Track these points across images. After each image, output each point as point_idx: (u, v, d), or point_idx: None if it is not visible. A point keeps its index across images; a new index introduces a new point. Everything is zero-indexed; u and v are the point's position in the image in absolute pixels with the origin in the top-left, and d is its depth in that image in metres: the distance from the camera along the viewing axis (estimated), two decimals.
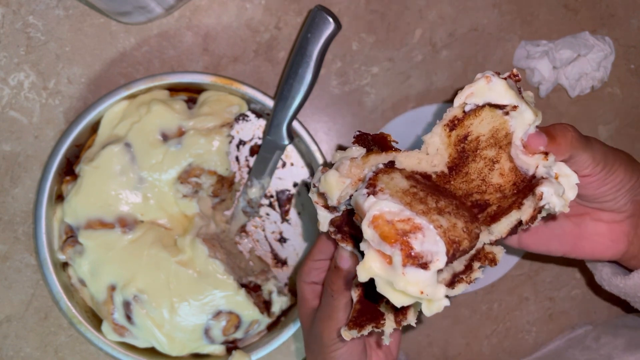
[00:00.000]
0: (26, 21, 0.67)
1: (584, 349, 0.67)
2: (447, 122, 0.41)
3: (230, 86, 0.62)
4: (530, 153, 0.40)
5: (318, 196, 0.42)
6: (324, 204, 0.42)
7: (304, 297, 0.48)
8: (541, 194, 0.39)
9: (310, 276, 0.48)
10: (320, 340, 0.46)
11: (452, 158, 0.41)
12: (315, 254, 0.48)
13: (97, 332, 0.62)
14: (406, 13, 0.69)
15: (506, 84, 0.39)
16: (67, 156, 0.62)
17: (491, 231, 0.41)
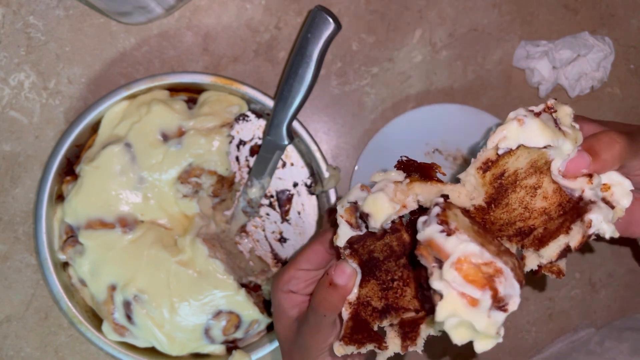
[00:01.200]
0: (26, 21, 0.67)
1: (588, 353, 0.67)
2: (480, 164, 0.39)
3: (231, 86, 0.62)
4: (572, 178, 0.38)
5: (347, 212, 0.41)
6: (351, 221, 0.41)
7: (282, 307, 0.46)
8: (590, 221, 0.37)
9: (289, 285, 0.45)
10: (308, 352, 0.45)
11: (489, 194, 0.40)
12: (302, 263, 0.45)
13: (98, 332, 0.62)
14: (406, 13, 0.69)
15: (540, 123, 0.37)
16: (68, 156, 0.62)
17: (541, 255, 0.40)
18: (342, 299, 0.43)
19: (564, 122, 0.38)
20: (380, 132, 0.67)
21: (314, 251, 0.45)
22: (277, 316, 0.47)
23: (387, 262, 0.43)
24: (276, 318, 0.48)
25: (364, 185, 0.41)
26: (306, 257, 0.45)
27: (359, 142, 0.70)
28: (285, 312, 0.46)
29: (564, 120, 0.39)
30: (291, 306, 0.46)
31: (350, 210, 0.40)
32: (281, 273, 0.46)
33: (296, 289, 0.46)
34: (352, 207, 0.40)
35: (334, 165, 0.64)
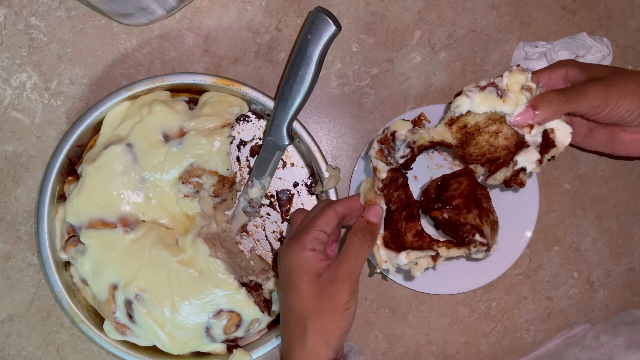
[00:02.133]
0: (28, 22, 0.67)
1: (584, 347, 0.67)
2: (446, 121, 0.55)
3: (231, 87, 0.62)
4: (522, 127, 0.53)
5: (377, 153, 0.54)
6: (382, 159, 0.54)
7: (309, 263, 0.50)
8: (516, 161, 0.53)
9: (314, 244, 0.50)
10: (336, 300, 0.48)
11: (458, 139, 0.56)
12: (322, 225, 0.51)
13: (99, 331, 0.62)
14: (405, 15, 0.69)
15: (481, 96, 0.53)
16: (69, 156, 0.63)
17: (495, 178, 0.56)
18: (373, 240, 0.52)
19: (513, 89, 0.52)
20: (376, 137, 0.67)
21: (330, 215, 0.52)
22: (301, 274, 0.50)
23: (395, 214, 0.54)
24: (299, 277, 0.50)
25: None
26: (324, 219, 0.51)
27: (359, 143, 0.70)
28: (312, 267, 0.50)
29: (512, 88, 0.52)
30: (317, 261, 0.50)
31: (380, 152, 0.54)
32: (302, 235, 0.51)
33: (318, 248, 0.50)
34: (380, 150, 0.54)
35: (334, 165, 0.65)
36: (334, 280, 0.49)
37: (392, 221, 0.54)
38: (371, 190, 0.54)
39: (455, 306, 0.72)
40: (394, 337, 0.72)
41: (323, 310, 0.49)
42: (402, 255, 0.52)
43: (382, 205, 0.54)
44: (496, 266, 0.68)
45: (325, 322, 0.49)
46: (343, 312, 0.49)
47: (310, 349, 0.49)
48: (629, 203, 0.73)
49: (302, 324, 0.50)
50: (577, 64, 0.56)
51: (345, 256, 0.50)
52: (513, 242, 0.68)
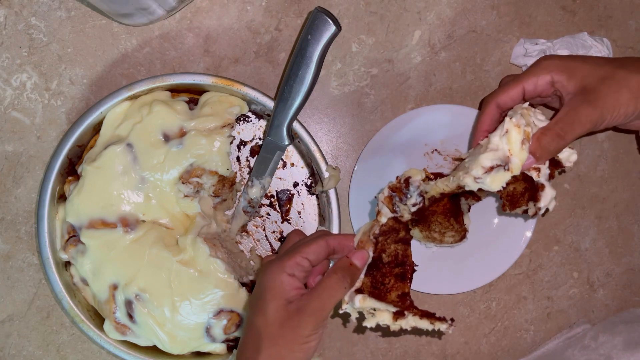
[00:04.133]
0: (28, 22, 0.68)
1: (582, 348, 0.67)
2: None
3: (231, 87, 0.63)
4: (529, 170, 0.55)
5: (386, 199, 0.54)
6: (389, 206, 0.54)
7: (283, 287, 0.48)
8: (538, 207, 0.55)
9: (294, 270, 0.49)
10: (298, 332, 0.47)
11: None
12: (309, 252, 0.50)
13: (99, 331, 0.62)
14: (405, 15, 0.69)
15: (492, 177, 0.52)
16: (70, 156, 0.63)
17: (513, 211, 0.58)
18: (351, 283, 0.51)
19: (514, 152, 0.52)
20: (380, 132, 0.67)
21: (320, 245, 0.51)
22: (272, 297, 0.48)
23: (385, 267, 0.53)
24: (269, 299, 0.48)
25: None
26: (314, 249, 0.50)
27: (359, 143, 0.70)
28: (285, 292, 0.48)
29: (514, 150, 0.52)
30: (291, 288, 0.48)
31: (388, 199, 0.54)
32: (284, 258, 0.50)
33: (298, 275, 0.49)
34: (389, 196, 0.54)
35: (334, 166, 0.65)
36: (301, 311, 0.47)
37: (380, 272, 0.53)
38: (366, 233, 0.54)
39: (455, 306, 0.72)
40: (394, 337, 0.72)
41: (282, 339, 0.47)
42: (357, 298, 0.51)
43: (370, 252, 0.53)
44: (496, 266, 0.68)
45: (281, 351, 0.47)
46: (302, 345, 0.47)
47: None
48: (629, 203, 0.73)
49: (258, 345, 0.48)
50: (562, 66, 0.55)
51: (319, 290, 0.49)
52: (513, 242, 0.68)
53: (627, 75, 0.53)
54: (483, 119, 0.58)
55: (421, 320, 0.52)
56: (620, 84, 0.53)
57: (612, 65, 0.54)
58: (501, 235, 0.69)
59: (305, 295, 0.48)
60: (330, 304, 0.49)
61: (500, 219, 0.69)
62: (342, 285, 0.50)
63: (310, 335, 0.47)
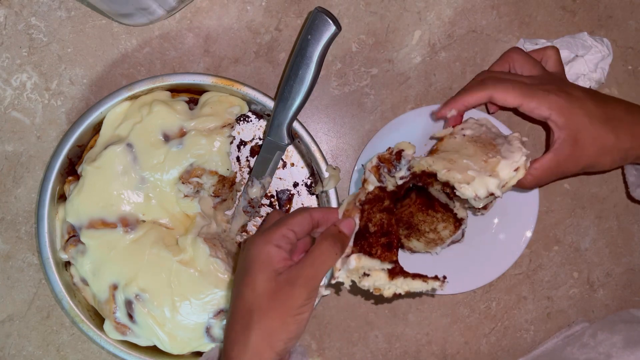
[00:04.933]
0: (28, 22, 0.68)
1: (582, 346, 0.67)
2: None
3: (231, 87, 0.63)
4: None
5: (373, 169, 0.54)
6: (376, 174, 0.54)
7: (271, 259, 0.47)
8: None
9: (281, 241, 0.48)
10: (290, 303, 0.46)
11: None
12: (294, 224, 0.49)
13: (99, 331, 0.62)
14: (405, 15, 0.69)
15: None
16: (69, 156, 0.63)
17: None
18: (341, 250, 0.50)
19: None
20: (380, 132, 0.67)
21: (304, 217, 0.50)
22: (260, 269, 0.47)
23: (372, 237, 0.52)
24: (257, 271, 0.47)
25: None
26: (298, 221, 0.50)
27: (359, 143, 0.70)
28: (273, 264, 0.47)
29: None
30: (280, 259, 0.47)
31: (375, 168, 0.54)
32: (269, 231, 0.49)
33: (284, 246, 0.48)
34: (377, 166, 0.54)
35: (334, 166, 0.65)
36: (293, 282, 0.47)
37: (367, 242, 0.53)
38: (352, 202, 0.54)
39: (455, 306, 0.72)
40: (394, 337, 0.72)
41: (273, 311, 0.46)
42: (353, 257, 0.51)
43: (356, 220, 0.53)
44: (496, 266, 0.68)
45: (273, 323, 0.46)
46: (294, 316, 0.46)
47: (252, 350, 0.46)
48: (628, 203, 0.73)
49: (248, 321, 0.46)
50: (565, 110, 0.56)
51: (310, 259, 0.48)
52: (513, 242, 0.68)
53: (618, 142, 0.56)
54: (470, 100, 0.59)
55: (414, 281, 0.52)
56: (612, 150, 0.57)
57: (607, 126, 0.56)
58: (501, 235, 0.69)
59: (295, 265, 0.48)
60: (322, 271, 0.48)
61: (500, 219, 0.69)
62: (333, 252, 0.49)
63: (303, 306, 0.47)
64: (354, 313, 0.71)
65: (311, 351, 0.71)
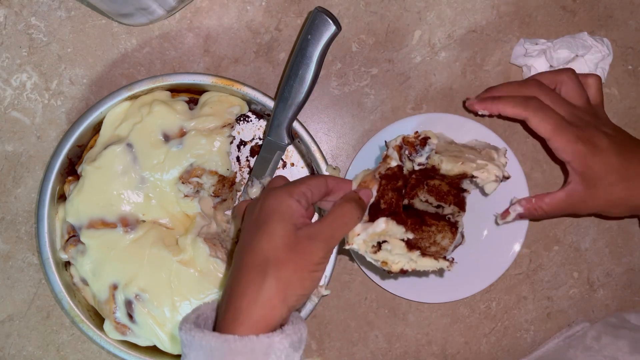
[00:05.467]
0: (28, 22, 0.68)
1: (585, 349, 0.67)
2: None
3: (231, 87, 0.63)
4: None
5: (395, 148, 0.55)
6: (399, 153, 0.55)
7: (292, 212, 0.47)
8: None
9: (301, 198, 0.48)
10: (308, 258, 0.46)
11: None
12: (312, 185, 0.50)
13: (99, 331, 0.62)
14: (405, 15, 0.69)
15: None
16: (69, 156, 0.63)
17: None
18: (362, 214, 0.51)
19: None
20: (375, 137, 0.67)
21: (321, 182, 0.51)
22: (280, 220, 0.47)
23: (381, 214, 0.52)
24: (277, 222, 0.46)
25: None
26: (316, 183, 0.50)
27: (359, 143, 0.70)
28: (294, 217, 0.47)
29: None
30: (300, 215, 0.47)
31: (398, 147, 0.54)
32: (292, 186, 0.49)
33: (303, 203, 0.48)
34: (400, 146, 0.54)
35: (334, 166, 0.65)
36: (312, 238, 0.46)
37: (377, 217, 0.53)
38: (371, 174, 0.54)
39: (455, 306, 0.72)
40: (394, 337, 0.72)
41: (291, 262, 0.45)
42: (381, 220, 0.51)
43: (374, 192, 0.53)
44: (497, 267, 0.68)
45: (290, 276, 0.45)
46: (311, 272, 0.46)
47: (264, 299, 0.44)
48: None
49: (263, 270, 0.45)
50: (584, 158, 0.59)
51: (331, 218, 0.48)
52: (501, 254, 0.68)
53: (631, 199, 0.59)
54: (507, 111, 0.62)
55: (424, 258, 0.53)
56: (623, 205, 0.60)
57: (624, 183, 0.59)
58: (490, 246, 0.69)
59: (316, 223, 0.47)
60: (342, 232, 0.49)
61: (489, 231, 0.69)
62: (355, 214, 0.50)
63: (320, 264, 0.46)
64: (354, 313, 0.71)
65: (311, 351, 0.71)
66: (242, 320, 0.44)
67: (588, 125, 0.60)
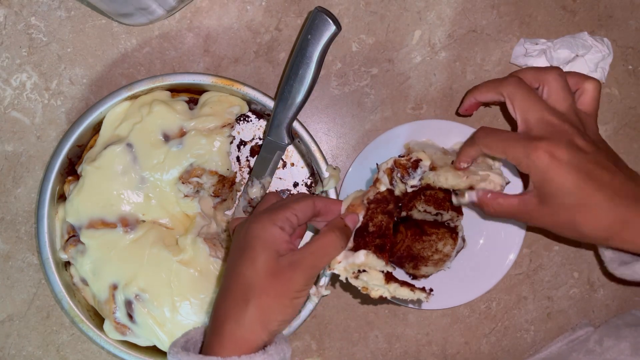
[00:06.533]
0: (28, 22, 0.68)
1: (587, 352, 0.67)
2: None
3: (231, 87, 0.63)
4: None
5: (386, 171, 0.55)
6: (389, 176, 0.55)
7: (275, 239, 0.48)
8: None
9: (284, 224, 0.48)
10: (290, 286, 0.46)
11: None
12: (298, 209, 0.50)
13: (99, 331, 0.62)
14: (405, 14, 0.69)
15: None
16: (69, 156, 0.63)
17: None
18: (345, 243, 0.51)
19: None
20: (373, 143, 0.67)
21: (308, 205, 0.51)
22: (263, 248, 0.47)
23: (369, 237, 0.53)
24: (260, 249, 0.47)
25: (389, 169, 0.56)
26: (302, 207, 0.50)
27: (359, 143, 0.70)
28: (276, 244, 0.48)
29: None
30: (282, 241, 0.48)
31: (389, 170, 0.54)
32: (274, 211, 0.49)
33: (287, 229, 0.48)
34: (391, 169, 0.55)
35: (334, 165, 0.65)
36: (295, 266, 0.47)
37: (363, 241, 0.53)
38: (359, 198, 0.54)
39: (455, 306, 0.72)
40: (394, 337, 0.72)
41: (272, 290, 0.46)
42: (361, 253, 0.51)
43: (360, 217, 0.54)
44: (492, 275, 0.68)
45: (271, 303, 0.46)
46: (292, 300, 0.47)
47: (246, 325, 0.46)
48: None
49: (246, 296, 0.46)
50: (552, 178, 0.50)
51: (314, 247, 0.48)
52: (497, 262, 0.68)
53: (580, 230, 0.51)
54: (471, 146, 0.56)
55: (402, 289, 0.53)
56: (568, 226, 0.52)
57: (574, 210, 0.50)
58: (485, 255, 0.69)
59: (299, 250, 0.48)
60: (324, 261, 0.49)
61: (485, 239, 0.69)
62: (338, 244, 0.50)
63: (301, 291, 0.47)
64: (354, 313, 0.71)
65: (311, 351, 0.71)
66: (224, 343, 0.46)
67: (559, 134, 0.51)
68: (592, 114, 0.56)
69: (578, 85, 0.57)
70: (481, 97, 0.59)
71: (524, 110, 0.53)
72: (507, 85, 0.55)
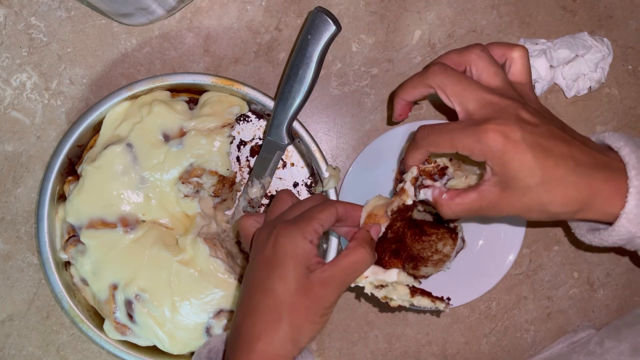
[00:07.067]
0: (28, 22, 0.68)
1: (588, 354, 0.67)
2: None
3: (231, 87, 0.63)
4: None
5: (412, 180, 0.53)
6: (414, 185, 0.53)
7: (306, 255, 0.46)
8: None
9: (313, 236, 0.47)
10: (321, 303, 0.46)
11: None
12: (323, 219, 0.48)
13: (99, 331, 0.62)
14: (405, 14, 0.69)
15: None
16: (69, 156, 0.63)
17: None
18: (374, 257, 0.49)
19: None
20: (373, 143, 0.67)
21: (332, 213, 0.49)
22: (295, 264, 0.46)
23: (386, 242, 0.52)
24: (292, 266, 0.46)
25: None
26: (327, 216, 0.48)
27: (359, 143, 0.70)
28: (307, 260, 0.46)
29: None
30: (312, 256, 0.47)
31: (414, 179, 0.53)
32: (302, 224, 0.47)
33: (315, 241, 0.47)
34: (415, 178, 0.53)
35: (334, 165, 0.65)
36: (326, 283, 0.46)
37: (381, 247, 0.52)
38: (383, 208, 0.52)
39: (455, 306, 0.72)
40: (394, 337, 0.72)
41: (304, 309, 0.46)
42: (394, 272, 0.50)
43: (382, 228, 0.52)
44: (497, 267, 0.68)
45: (302, 320, 0.46)
46: (322, 316, 0.46)
47: (279, 344, 0.45)
48: None
49: (279, 315, 0.45)
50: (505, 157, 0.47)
51: (345, 263, 0.47)
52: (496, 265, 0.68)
53: (548, 206, 0.48)
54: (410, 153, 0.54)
55: (423, 298, 0.52)
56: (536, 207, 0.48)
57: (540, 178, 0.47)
58: (485, 256, 0.69)
59: (329, 266, 0.47)
60: (354, 277, 0.48)
61: (485, 240, 0.69)
62: (369, 260, 0.48)
63: (331, 307, 0.47)
64: (354, 313, 0.71)
65: (311, 351, 0.71)
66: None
67: (503, 111, 0.47)
68: (527, 82, 0.52)
69: (505, 56, 0.53)
70: (409, 96, 0.55)
71: (459, 96, 0.49)
72: (433, 75, 0.51)
